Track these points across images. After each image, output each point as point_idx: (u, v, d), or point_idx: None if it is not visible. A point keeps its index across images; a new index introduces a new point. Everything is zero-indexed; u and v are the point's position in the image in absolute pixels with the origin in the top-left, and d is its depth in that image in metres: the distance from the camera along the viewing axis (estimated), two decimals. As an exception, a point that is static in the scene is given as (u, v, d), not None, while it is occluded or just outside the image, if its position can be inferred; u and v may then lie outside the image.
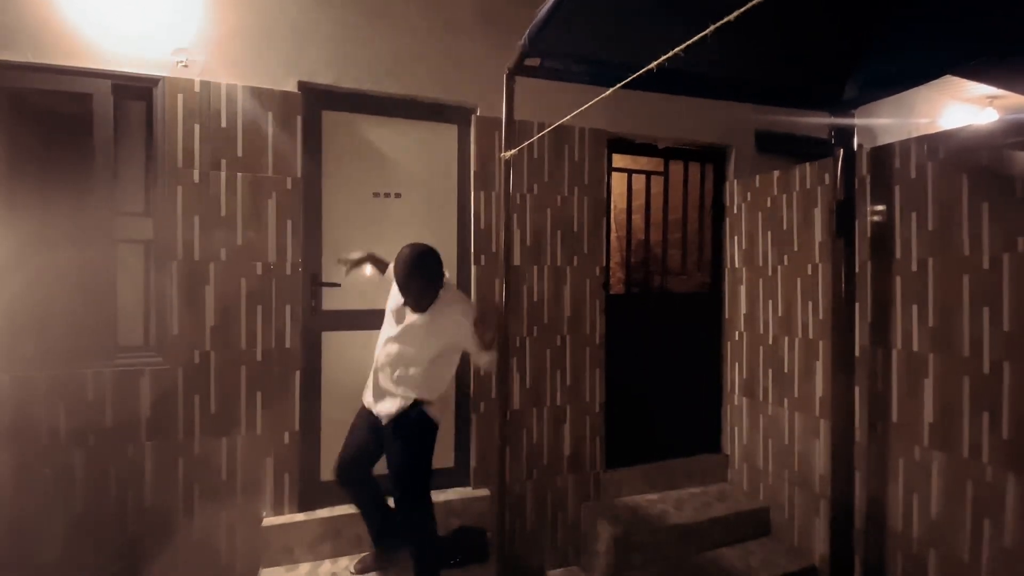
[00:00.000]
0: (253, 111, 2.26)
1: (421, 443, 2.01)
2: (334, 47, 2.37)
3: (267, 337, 2.28)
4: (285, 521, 2.28)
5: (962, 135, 1.93)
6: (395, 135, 2.55)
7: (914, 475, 2.07)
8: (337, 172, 2.46)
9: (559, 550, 2.76)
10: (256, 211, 2.26)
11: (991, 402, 1.83)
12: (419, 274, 1.88)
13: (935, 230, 2.00)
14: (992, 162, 1.83)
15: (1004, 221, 1.80)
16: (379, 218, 2.52)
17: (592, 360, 2.83)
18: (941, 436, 1.98)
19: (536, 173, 2.71)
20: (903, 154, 2.11)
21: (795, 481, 2.61)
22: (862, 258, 2.22)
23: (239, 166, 2.24)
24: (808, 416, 2.54)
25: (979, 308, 1.86)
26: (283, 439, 2.31)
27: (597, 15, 1.55)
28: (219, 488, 2.22)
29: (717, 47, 1.75)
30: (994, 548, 1.81)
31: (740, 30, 1.71)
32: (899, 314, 2.12)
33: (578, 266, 2.80)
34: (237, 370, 2.24)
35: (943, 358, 1.97)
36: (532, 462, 2.70)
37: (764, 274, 2.81)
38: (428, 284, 1.92)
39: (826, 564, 2.32)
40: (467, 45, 2.55)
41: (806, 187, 2.56)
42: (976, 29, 1.68)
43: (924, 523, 2.03)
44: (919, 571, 2.04)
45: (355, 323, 2.47)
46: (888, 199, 2.16)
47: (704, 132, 3.06)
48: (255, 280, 2.26)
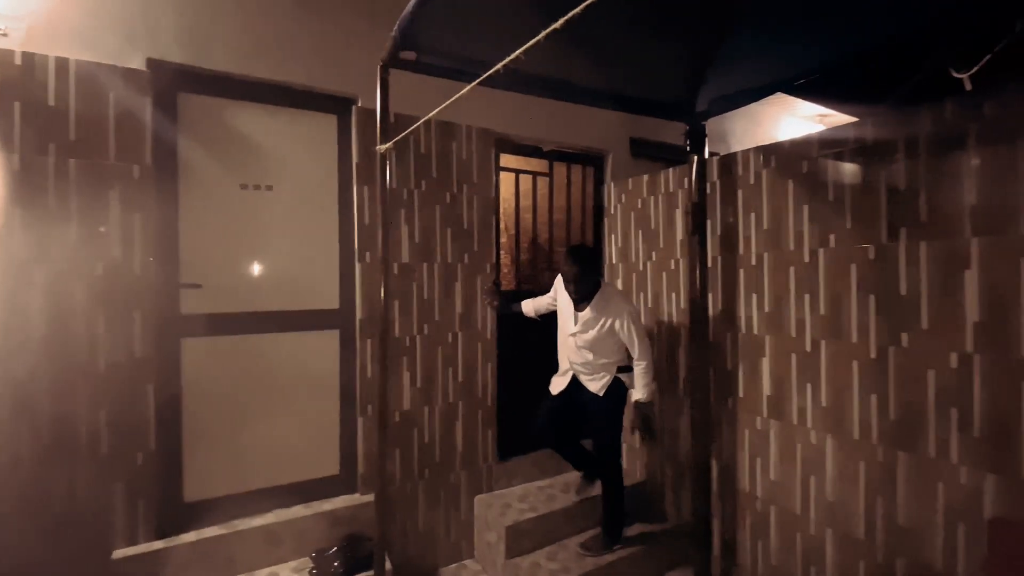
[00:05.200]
0: (90, 89, 1.98)
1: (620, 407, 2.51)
2: (191, 22, 2.15)
3: (113, 346, 2.01)
4: (141, 551, 2.04)
5: (787, 146, 2.25)
6: (267, 124, 2.38)
7: (757, 442, 2.38)
8: (197, 161, 2.24)
9: (453, 546, 2.77)
10: (96, 203, 1.98)
11: (813, 376, 2.16)
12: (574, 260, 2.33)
13: (769, 229, 2.31)
14: (810, 170, 2.16)
15: (819, 221, 2.13)
16: (248, 212, 2.34)
17: (484, 356, 2.88)
18: (776, 407, 2.29)
19: (423, 169, 2.68)
20: (744, 162, 2.42)
21: (666, 456, 2.88)
22: (713, 254, 2.51)
23: (72, 151, 1.95)
24: (674, 396, 2.81)
25: (802, 295, 2.19)
26: (135, 460, 2.06)
27: (464, 13, 1.57)
28: (58, 522, 1.92)
29: (583, 56, 1.87)
30: (819, 501, 2.14)
31: (604, 43, 1.85)
32: (742, 302, 2.42)
33: (469, 263, 2.83)
34: (74, 386, 1.95)
35: (776, 339, 2.29)
36: (424, 461, 2.68)
37: (636, 269, 3.05)
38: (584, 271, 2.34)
39: (690, 527, 2.59)
40: (346, 32, 2.45)
41: (669, 190, 2.83)
42: (799, 55, 1.97)
43: (766, 483, 2.35)
44: (763, 525, 2.35)
45: (221, 328, 2.27)
46: (733, 201, 2.46)
47: (584, 137, 3.25)
48: (96, 282, 1.98)
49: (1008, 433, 1.62)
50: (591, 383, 2.47)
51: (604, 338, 2.38)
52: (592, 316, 2.37)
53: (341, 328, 2.54)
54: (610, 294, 2.41)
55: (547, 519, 2.65)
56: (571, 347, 2.48)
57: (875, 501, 1.95)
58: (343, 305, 2.54)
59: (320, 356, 2.51)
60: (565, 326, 2.52)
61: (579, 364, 2.48)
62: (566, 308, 2.50)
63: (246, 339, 2.33)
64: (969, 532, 1.71)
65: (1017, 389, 1.60)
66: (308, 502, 2.44)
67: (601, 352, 2.42)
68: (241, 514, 2.29)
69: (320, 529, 2.35)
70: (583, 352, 2.44)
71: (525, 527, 2.58)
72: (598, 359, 2.43)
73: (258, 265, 2.38)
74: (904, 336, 1.86)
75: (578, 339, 2.43)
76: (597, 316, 2.37)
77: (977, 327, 1.69)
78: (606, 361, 2.44)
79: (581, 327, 2.41)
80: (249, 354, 2.34)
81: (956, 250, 1.74)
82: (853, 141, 2.01)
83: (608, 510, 2.53)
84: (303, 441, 2.47)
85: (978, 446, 1.69)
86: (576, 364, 2.50)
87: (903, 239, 1.87)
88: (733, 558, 2.48)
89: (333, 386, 2.54)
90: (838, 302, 2.06)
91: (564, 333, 2.53)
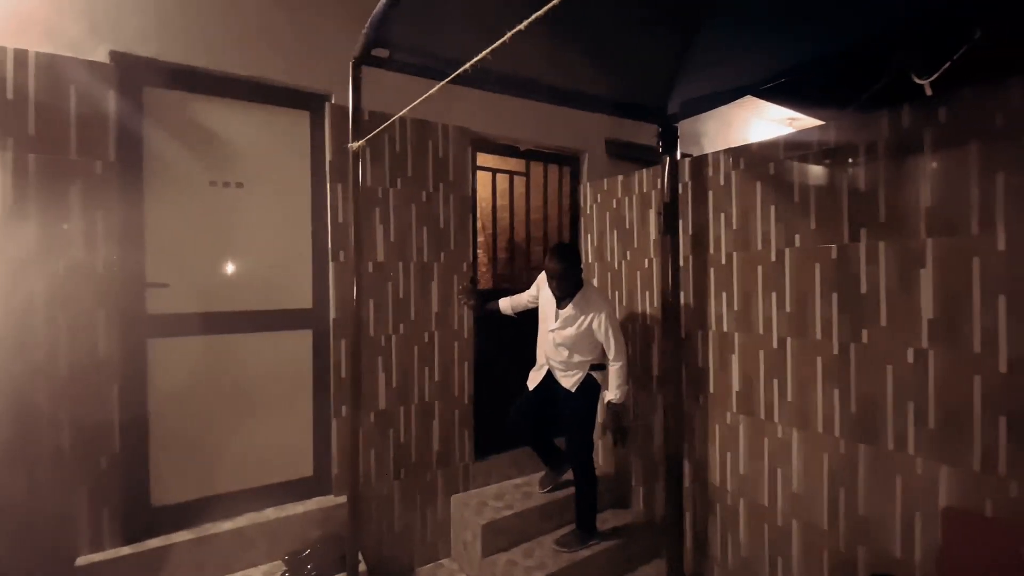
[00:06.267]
0: (51, 82, 1.92)
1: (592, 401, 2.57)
2: (157, 14, 2.10)
3: (75, 347, 1.95)
4: (106, 558, 1.99)
5: (755, 148, 2.31)
6: (238, 120, 2.34)
7: (727, 437, 2.43)
8: (165, 157, 2.19)
9: (430, 545, 2.76)
10: (56, 199, 1.92)
11: (779, 372, 2.22)
12: (560, 258, 2.37)
13: (738, 229, 2.37)
14: (777, 172, 2.22)
15: (785, 221, 2.19)
16: (218, 210, 2.30)
17: (461, 354, 2.88)
18: (745, 402, 2.35)
19: (399, 168, 2.67)
20: (715, 164, 2.47)
21: (639, 452, 2.92)
22: (685, 253, 2.56)
23: (31, 146, 1.89)
24: (648, 393, 2.86)
25: (769, 294, 2.25)
26: (99, 464, 2.00)
27: (437, 11, 1.57)
28: (18, 527, 1.86)
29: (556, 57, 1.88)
30: (786, 494, 2.20)
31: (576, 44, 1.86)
32: (713, 300, 2.48)
33: (445, 262, 2.83)
34: (34, 388, 1.89)
35: (744, 336, 2.35)
36: (400, 461, 2.67)
37: (612, 268, 3.09)
38: (568, 269, 2.38)
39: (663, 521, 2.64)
40: (320, 27, 2.42)
41: (643, 190, 2.87)
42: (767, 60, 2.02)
43: (735, 477, 2.40)
44: (733, 518, 2.41)
45: (190, 328, 2.22)
46: (704, 202, 2.51)
47: (560, 137, 3.27)
48: (57, 281, 1.92)
49: (960, 425, 1.70)
50: (565, 379, 2.53)
51: (582, 336, 2.43)
52: (572, 314, 2.43)
53: (314, 328, 2.51)
54: (591, 294, 2.46)
55: (523, 516, 2.67)
56: (549, 343, 2.52)
57: (838, 492, 2.02)
58: (316, 304, 2.51)
59: (293, 356, 2.48)
60: (545, 322, 2.57)
61: (555, 360, 2.54)
62: (548, 305, 2.54)
63: (216, 339, 2.28)
64: (925, 521, 1.78)
65: (969, 383, 1.68)
66: (281, 504, 2.41)
67: (577, 349, 2.47)
68: (211, 518, 2.25)
69: (293, 531, 2.33)
70: (560, 349, 2.49)
71: (501, 525, 2.59)
72: (574, 356, 2.49)
73: (228, 264, 2.34)
74: (864, 333, 1.93)
75: (557, 335, 2.48)
76: (577, 314, 2.42)
77: (932, 324, 1.76)
78: (581, 359, 2.49)
79: (561, 324, 2.46)
80: (219, 355, 2.30)
81: (912, 250, 1.81)
82: (817, 144, 2.07)
83: (581, 506, 2.57)
84: (276, 442, 2.43)
85: (933, 438, 1.76)
86: (552, 360, 2.55)
87: (863, 239, 1.93)
88: (705, 551, 2.53)
89: (306, 387, 2.51)
90: (803, 300, 2.12)
91: (544, 329, 2.58)
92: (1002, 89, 1.62)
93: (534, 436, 2.75)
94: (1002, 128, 1.62)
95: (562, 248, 2.44)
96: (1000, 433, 1.62)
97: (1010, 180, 1.61)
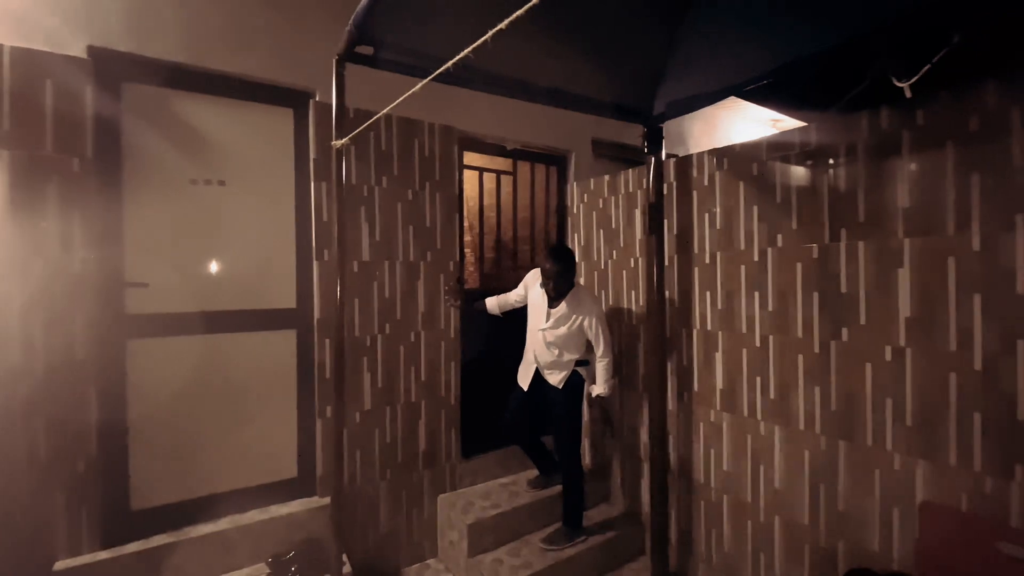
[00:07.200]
0: (26, 77, 1.88)
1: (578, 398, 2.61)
2: (137, 9, 2.06)
3: (51, 348, 1.91)
4: (85, 562, 1.96)
5: (738, 149, 2.33)
6: (220, 116, 2.31)
7: (711, 434, 2.46)
8: (144, 154, 2.15)
9: (416, 546, 2.75)
10: (31, 196, 1.88)
11: (762, 369, 2.24)
12: (556, 259, 2.41)
13: (721, 228, 2.39)
14: (760, 173, 2.24)
15: (768, 221, 2.22)
16: (200, 208, 2.26)
17: (447, 354, 2.87)
18: (728, 400, 2.38)
19: (384, 166, 2.65)
20: (699, 164, 2.49)
21: (625, 449, 2.94)
22: (670, 253, 2.57)
23: (5, 142, 1.85)
24: (633, 392, 2.88)
25: (752, 293, 2.28)
26: (77, 468, 1.96)
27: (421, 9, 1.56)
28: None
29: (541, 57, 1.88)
30: (768, 490, 2.23)
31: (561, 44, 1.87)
32: (697, 299, 2.50)
33: (432, 261, 2.81)
34: (9, 389, 1.84)
35: (728, 335, 2.37)
36: (386, 461, 2.66)
37: (598, 267, 3.10)
38: (564, 269, 2.42)
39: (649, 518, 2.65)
40: (304, 24, 2.39)
41: (629, 190, 2.89)
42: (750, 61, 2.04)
43: (719, 474, 2.43)
44: (716, 515, 2.44)
45: (171, 328, 2.19)
46: (689, 202, 2.53)
47: (548, 137, 3.28)
48: (33, 281, 1.88)
49: (937, 422, 1.73)
50: (551, 376, 2.57)
51: (572, 335, 2.48)
52: (564, 313, 2.47)
53: (298, 328, 2.48)
54: (583, 294, 2.52)
55: (510, 515, 2.67)
56: (539, 341, 2.55)
57: (818, 488, 2.05)
58: (300, 304, 2.48)
59: (276, 357, 2.45)
60: (536, 321, 2.59)
61: (543, 358, 2.56)
62: (538, 303, 2.57)
63: (197, 340, 2.25)
64: (903, 516, 1.82)
65: (944, 380, 1.72)
66: (265, 506, 2.38)
67: (566, 348, 2.51)
68: (193, 521, 2.22)
69: (277, 534, 2.30)
70: (551, 347, 2.52)
71: (488, 524, 2.59)
72: (563, 355, 2.53)
73: (210, 263, 2.31)
74: (844, 331, 1.96)
75: (548, 334, 2.51)
76: (569, 314, 2.46)
77: (909, 322, 1.80)
78: (569, 357, 2.53)
79: (552, 323, 2.49)
80: (201, 355, 2.26)
81: (890, 250, 1.84)
82: (799, 145, 2.10)
83: (568, 503, 2.59)
84: (259, 444, 2.40)
85: (910, 434, 1.80)
86: (540, 357, 2.58)
87: (843, 239, 1.96)
88: (690, 547, 2.56)
89: (290, 387, 2.49)
90: (785, 299, 2.15)
91: (534, 328, 2.60)
92: (978, 92, 1.65)
93: (530, 439, 2.79)
94: (977, 130, 1.65)
95: (559, 249, 2.48)
96: (975, 429, 1.66)
97: (985, 181, 1.64)
